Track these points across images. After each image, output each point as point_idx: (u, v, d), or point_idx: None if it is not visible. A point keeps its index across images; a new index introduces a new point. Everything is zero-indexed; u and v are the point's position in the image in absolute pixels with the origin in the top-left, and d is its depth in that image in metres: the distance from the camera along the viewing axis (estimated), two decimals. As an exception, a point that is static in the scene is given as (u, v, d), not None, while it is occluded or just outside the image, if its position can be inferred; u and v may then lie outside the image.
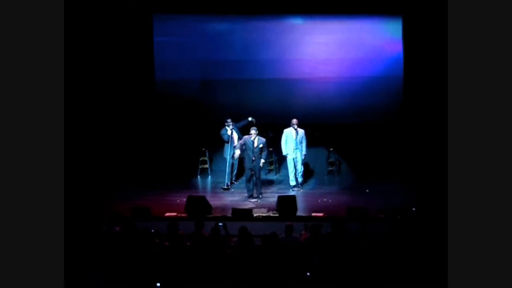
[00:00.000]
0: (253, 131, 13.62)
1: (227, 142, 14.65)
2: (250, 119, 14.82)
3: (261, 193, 13.73)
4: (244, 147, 13.66)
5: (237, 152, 13.74)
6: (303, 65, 16.05)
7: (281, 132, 14.40)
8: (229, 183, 14.65)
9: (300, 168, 14.37)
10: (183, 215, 12.39)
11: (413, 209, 11.83)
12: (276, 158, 15.81)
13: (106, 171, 15.29)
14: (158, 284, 8.69)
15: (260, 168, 13.74)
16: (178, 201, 13.38)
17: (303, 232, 10.09)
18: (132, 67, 16.06)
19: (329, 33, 15.95)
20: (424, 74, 15.24)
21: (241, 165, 14.76)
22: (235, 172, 14.94)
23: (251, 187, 13.70)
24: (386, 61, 15.82)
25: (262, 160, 13.67)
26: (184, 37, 16.28)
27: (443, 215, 8.69)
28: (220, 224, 10.25)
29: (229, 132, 14.56)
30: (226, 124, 14.72)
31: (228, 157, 14.66)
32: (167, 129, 16.34)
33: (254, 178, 13.63)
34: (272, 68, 16.10)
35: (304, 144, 14.27)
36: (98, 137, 15.82)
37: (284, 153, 14.34)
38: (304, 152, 14.30)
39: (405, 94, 15.70)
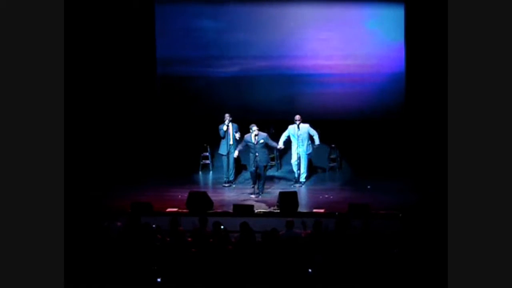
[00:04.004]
0: (254, 128, 13.63)
1: (223, 138, 14.56)
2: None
3: (263, 189, 13.74)
4: (246, 147, 13.71)
5: (236, 153, 13.89)
6: (305, 62, 16.00)
7: (284, 128, 14.41)
8: (229, 179, 14.60)
9: (303, 165, 14.35)
10: (184, 210, 12.41)
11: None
12: (277, 154, 15.81)
13: (108, 166, 15.30)
14: (159, 280, 8.71)
15: (265, 166, 13.75)
16: (179, 196, 13.39)
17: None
18: (133, 62, 16.04)
19: (331, 28, 15.90)
20: (426, 70, 15.21)
21: (239, 162, 14.79)
22: (232, 170, 14.70)
23: (255, 183, 13.71)
24: (388, 58, 15.77)
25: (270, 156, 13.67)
26: (186, 32, 16.24)
27: (444, 212, 8.67)
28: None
29: (224, 128, 14.46)
30: (226, 119, 14.58)
31: (224, 153, 14.60)
32: (168, 124, 16.33)
33: (259, 174, 13.65)
34: (274, 64, 16.06)
35: (316, 137, 14.23)
36: (99, 132, 15.82)
37: (278, 146, 14.26)
38: (317, 143, 14.26)
39: (408, 90, 15.67)
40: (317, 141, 14.32)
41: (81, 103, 15.46)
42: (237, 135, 14.35)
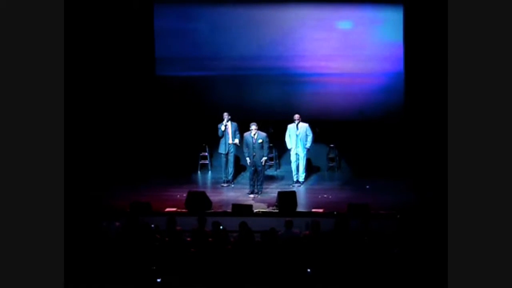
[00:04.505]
0: (253, 127, 13.63)
1: (221, 137, 14.52)
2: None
3: (261, 189, 13.74)
4: (245, 144, 13.73)
5: (236, 141, 14.05)
6: (304, 62, 16.00)
7: (283, 128, 14.45)
8: (227, 179, 14.56)
9: (302, 165, 14.38)
10: (183, 210, 12.42)
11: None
12: (276, 154, 15.81)
13: (107, 166, 15.29)
14: (159, 280, 8.71)
15: (263, 165, 13.76)
16: (178, 196, 13.39)
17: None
18: (132, 62, 16.03)
19: (330, 28, 15.90)
20: (425, 70, 15.21)
21: (238, 161, 14.78)
22: (231, 170, 14.60)
23: (253, 182, 13.72)
24: (387, 59, 15.76)
25: (264, 158, 13.71)
26: (185, 31, 16.23)
27: (444, 212, 8.68)
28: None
29: (222, 128, 14.37)
30: (224, 118, 14.50)
31: (223, 152, 14.57)
32: (167, 124, 16.32)
33: (257, 174, 13.65)
34: (273, 64, 16.05)
35: (309, 138, 14.30)
36: (98, 132, 15.81)
37: (288, 147, 14.47)
38: (307, 146, 14.34)
39: (407, 91, 15.67)
40: (309, 143, 14.34)
41: (80, 103, 15.44)
42: (237, 141, 14.30)
